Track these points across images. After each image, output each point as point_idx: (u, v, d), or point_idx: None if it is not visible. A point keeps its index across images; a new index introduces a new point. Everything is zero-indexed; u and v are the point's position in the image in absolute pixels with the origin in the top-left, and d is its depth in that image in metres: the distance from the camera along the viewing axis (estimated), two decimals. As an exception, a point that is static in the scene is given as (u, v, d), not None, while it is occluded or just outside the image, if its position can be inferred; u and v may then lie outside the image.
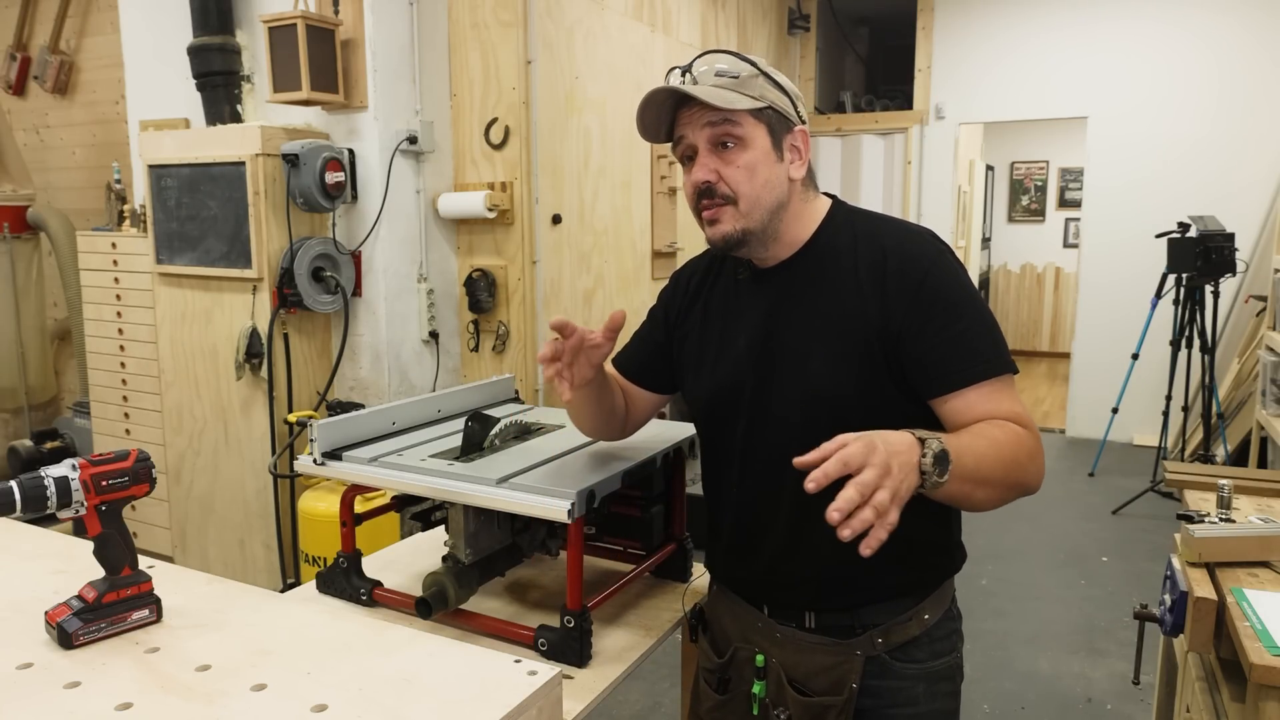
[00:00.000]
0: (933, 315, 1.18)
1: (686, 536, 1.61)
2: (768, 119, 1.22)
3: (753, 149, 1.21)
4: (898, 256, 1.21)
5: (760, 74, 1.22)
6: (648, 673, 3.02)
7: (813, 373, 1.21)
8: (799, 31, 6.66)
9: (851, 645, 1.26)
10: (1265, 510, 1.76)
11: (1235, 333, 5.52)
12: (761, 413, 1.26)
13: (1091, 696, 2.95)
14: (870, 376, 1.19)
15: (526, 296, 3.53)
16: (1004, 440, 1.13)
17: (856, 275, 1.22)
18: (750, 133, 1.21)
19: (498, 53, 3.45)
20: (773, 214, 1.23)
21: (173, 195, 3.27)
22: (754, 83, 1.21)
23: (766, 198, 1.22)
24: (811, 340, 1.23)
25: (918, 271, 1.19)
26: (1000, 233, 9.62)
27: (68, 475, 1.06)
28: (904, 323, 1.18)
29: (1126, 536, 4.40)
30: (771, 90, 1.22)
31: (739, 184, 1.21)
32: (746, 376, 1.28)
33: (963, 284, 1.21)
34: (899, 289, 1.19)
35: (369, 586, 1.47)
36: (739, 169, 1.21)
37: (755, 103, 1.20)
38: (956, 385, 1.17)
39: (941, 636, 1.30)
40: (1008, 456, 1.12)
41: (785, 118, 1.23)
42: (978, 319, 1.20)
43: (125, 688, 0.97)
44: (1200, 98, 5.72)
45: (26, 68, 5.02)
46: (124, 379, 3.65)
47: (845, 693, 1.24)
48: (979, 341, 1.19)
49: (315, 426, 1.44)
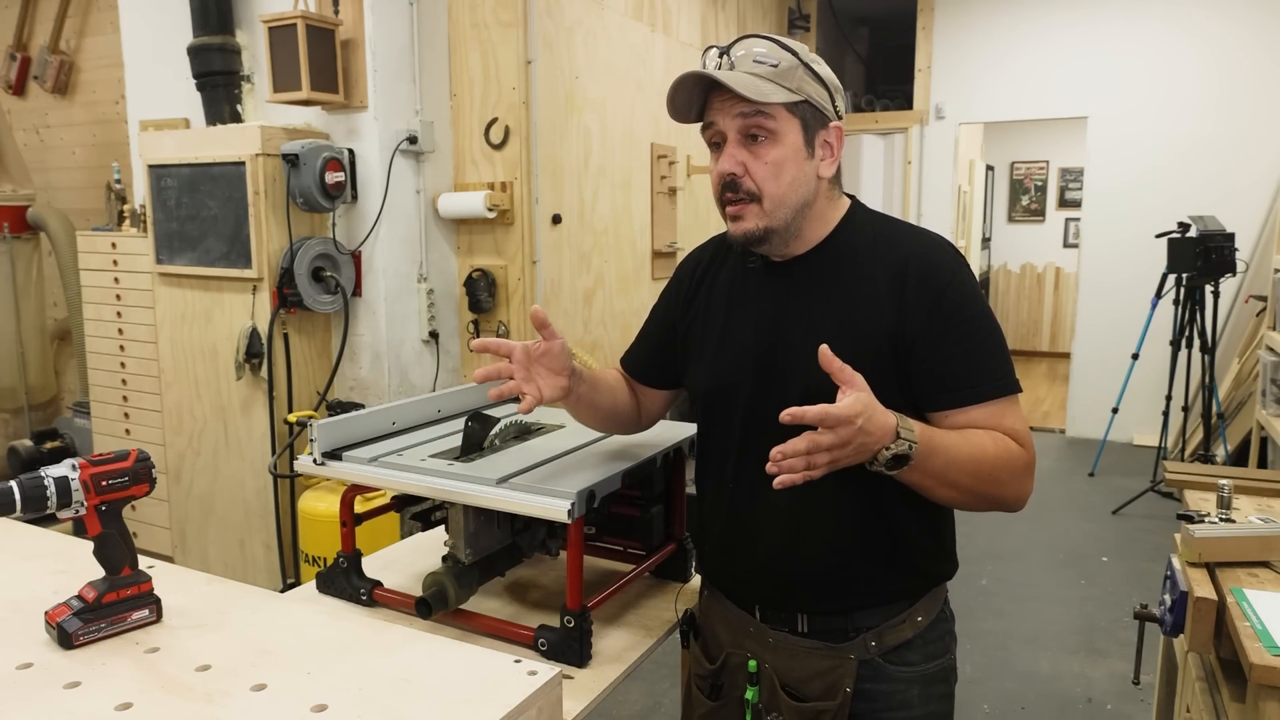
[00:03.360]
0: (950, 328, 1.17)
1: (686, 536, 1.61)
2: (802, 114, 1.18)
3: (783, 144, 1.18)
4: (920, 264, 1.19)
5: (801, 64, 1.17)
6: (648, 673, 3.02)
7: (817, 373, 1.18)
8: (799, 31, 6.66)
9: (845, 649, 1.24)
10: (1265, 510, 1.76)
11: (1235, 333, 5.52)
12: (760, 410, 1.24)
13: (1091, 696, 2.94)
14: (878, 381, 1.15)
15: (526, 296, 3.53)
16: (990, 451, 1.14)
17: (874, 278, 1.20)
18: (782, 127, 1.17)
19: (498, 53, 3.45)
20: (797, 213, 1.21)
21: (173, 195, 3.27)
22: (793, 73, 1.16)
23: (792, 196, 1.19)
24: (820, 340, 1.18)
25: (939, 282, 1.18)
26: (1000, 233, 9.62)
27: (68, 475, 1.06)
28: (919, 332, 1.17)
29: (1126, 536, 4.40)
30: (810, 83, 1.18)
31: (765, 181, 1.18)
32: (747, 371, 1.26)
33: (980, 299, 1.21)
34: (919, 298, 1.17)
35: (369, 586, 1.47)
36: (767, 165, 1.18)
37: (791, 95, 1.16)
38: (966, 402, 1.17)
39: (935, 639, 1.29)
40: (987, 468, 1.14)
41: (821, 113, 1.20)
42: (990, 337, 1.19)
43: (125, 688, 0.97)
44: (1200, 98, 5.72)
45: (26, 68, 5.02)
46: (124, 379, 3.65)
47: (839, 697, 1.24)
48: (991, 360, 1.18)
49: (315, 426, 1.44)
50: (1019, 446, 1.17)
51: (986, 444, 1.14)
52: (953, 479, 1.13)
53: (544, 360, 1.26)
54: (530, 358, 1.25)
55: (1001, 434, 1.16)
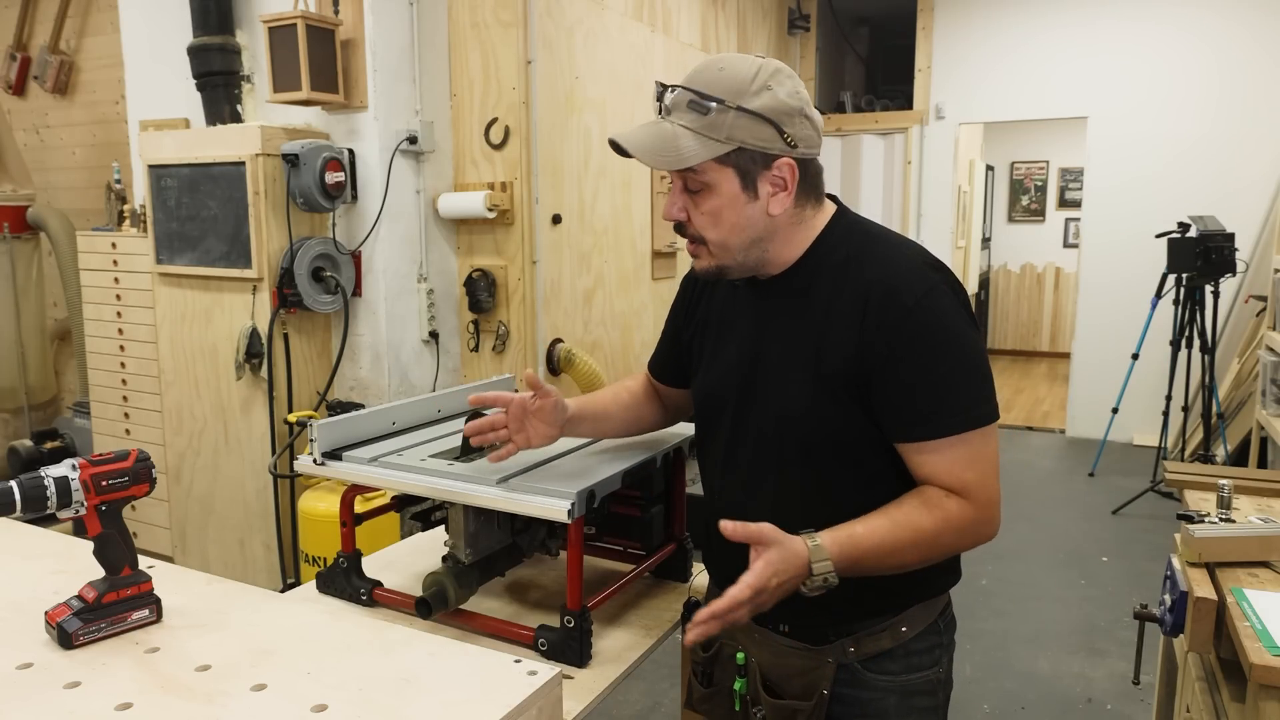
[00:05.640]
0: (907, 357, 1.13)
1: (686, 536, 1.61)
2: (735, 161, 1.14)
3: (718, 194, 1.16)
4: (882, 289, 1.15)
5: (732, 110, 1.12)
6: (648, 673, 3.02)
7: (789, 395, 1.20)
8: (799, 31, 6.66)
9: (824, 652, 1.25)
10: (1265, 510, 1.76)
11: (1235, 333, 5.52)
12: (741, 425, 1.27)
13: (1091, 696, 2.94)
14: (844, 405, 1.17)
15: (526, 296, 3.53)
16: (928, 528, 1.13)
17: (842, 302, 1.18)
18: (714, 179, 1.15)
19: (498, 53, 3.45)
20: (748, 249, 1.19)
21: (173, 195, 3.27)
22: (722, 122, 1.12)
23: (735, 240, 1.18)
24: (792, 361, 1.21)
25: (898, 309, 1.13)
26: (1000, 233, 9.62)
27: (68, 475, 1.06)
28: (878, 361, 1.14)
29: (1126, 536, 4.40)
30: (746, 125, 1.12)
31: (705, 229, 1.19)
32: (731, 388, 1.28)
33: (948, 326, 1.14)
34: (878, 325, 1.14)
35: (369, 586, 1.47)
36: (704, 215, 1.18)
37: (719, 147, 1.13)
38: (921, 436, 1.14)
39: (921, 650, 1.26)
40: (927, 542, 1.13)
41: (762, 153, 1.14)
42: (958, 365, 1.14)
43: (125, 688, 0.97)
44: (1200, 98, 5.72)
45: (26, 68, 5.02)
46: (124, 379, 3.65)
47: (815, 698, 1.24)
48: (952, 393, 1.14)
49: (315, 426, 1.44)
50: (963, 507, 1.13)
51: (923, 522, 1.13)
52: (895, 564, 1.14)
53: (539, 415, 1.35)
54: (526, 412, 1.34)
55: (943, 495, 1.14)
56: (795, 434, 1.20)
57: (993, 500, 1.16)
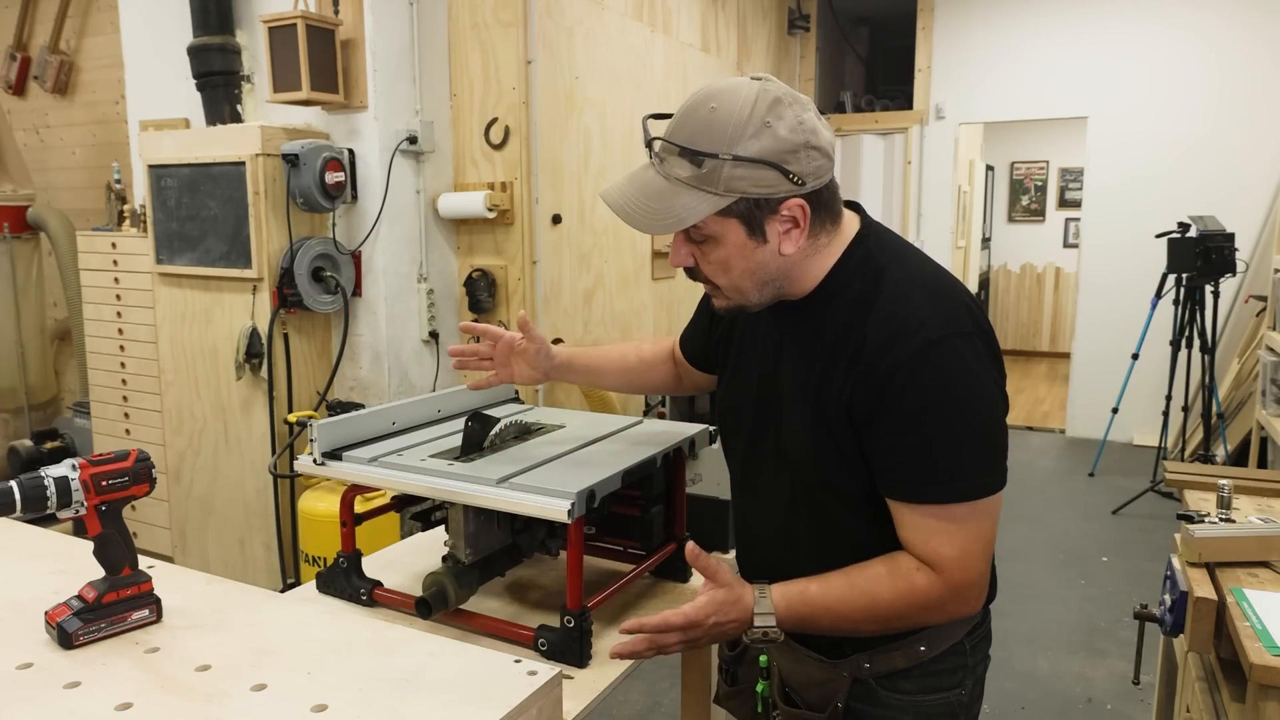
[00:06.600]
0: (893, 411, 1.08)
1: (686, 536, 1.60)
2: (738, 211, 1.08)
3: (724, 245, 1.11)
4: (879, 337, 1.09)
5: (727, 160, 1.04)
6: (648, 673, 3.02)
7: (794, 429, 1.19)
8: (799, 31, 6.66)
9: (839, 665, 1.24)
10: (1265, 510, 1.76)
11: (1235, 333, 5.52)
12: (755, 443, 1.28)
13: (1091, 696, 2.94)
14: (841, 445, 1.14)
15: (526, 296, 3.53)
16: (885, 599, 1.10)
17: (846, 342, 1.12)
18: (717, 230, 1.10)
19: (498, 53, 3.45)
20: (763, 288, 1.15)
21: (173, 195, 3.27)
22: (717, 174, 1.05)
23: (748, 282, 1.14)
24: (797, 394, 1.18)
25: (888, 364, 1.07)
26: (1000, 233, 9.62)
27: (68, 475, 1.06)
28: (867, 411, 1.10)
29: (1126, 536, 4.40)
30: (744, 173, 1.05)
31: (714, 276, 1.16)
32: (747, 411, 1.29)
33: (947, 385, 1.07)
34: (867, 376, 1.09)
35: (369, 586, 1.47)
36: (712, 264, 1.14)
37: (718, 201, 1.06)
38: (896, 497, 1.11)
39: (941, 671, 1.22)
40: (884, 613, 1.11)
41: (766, 199, 1.07)
42: (951, 430, 1.07)
43: (125, 688, 0.97)
44: (1200, 98, 5.72)
45: (26, 68, 5.02)
46: (124, 379, 3.65)
47: (829, 710, 1.23)
48: (940, 460, 1.07)
49: (315, 426, 1.44)
50: (932, 584, 1.09)
51: (882, 592, 1.10)
52: (849, 628, 1.15)
53: (523, 355, 1.46)
54: (512, 350, 1.45)
55: (914, 566, 1.10)
56: (799, 471, 1.20)
57: (970, 582, 1.10)
